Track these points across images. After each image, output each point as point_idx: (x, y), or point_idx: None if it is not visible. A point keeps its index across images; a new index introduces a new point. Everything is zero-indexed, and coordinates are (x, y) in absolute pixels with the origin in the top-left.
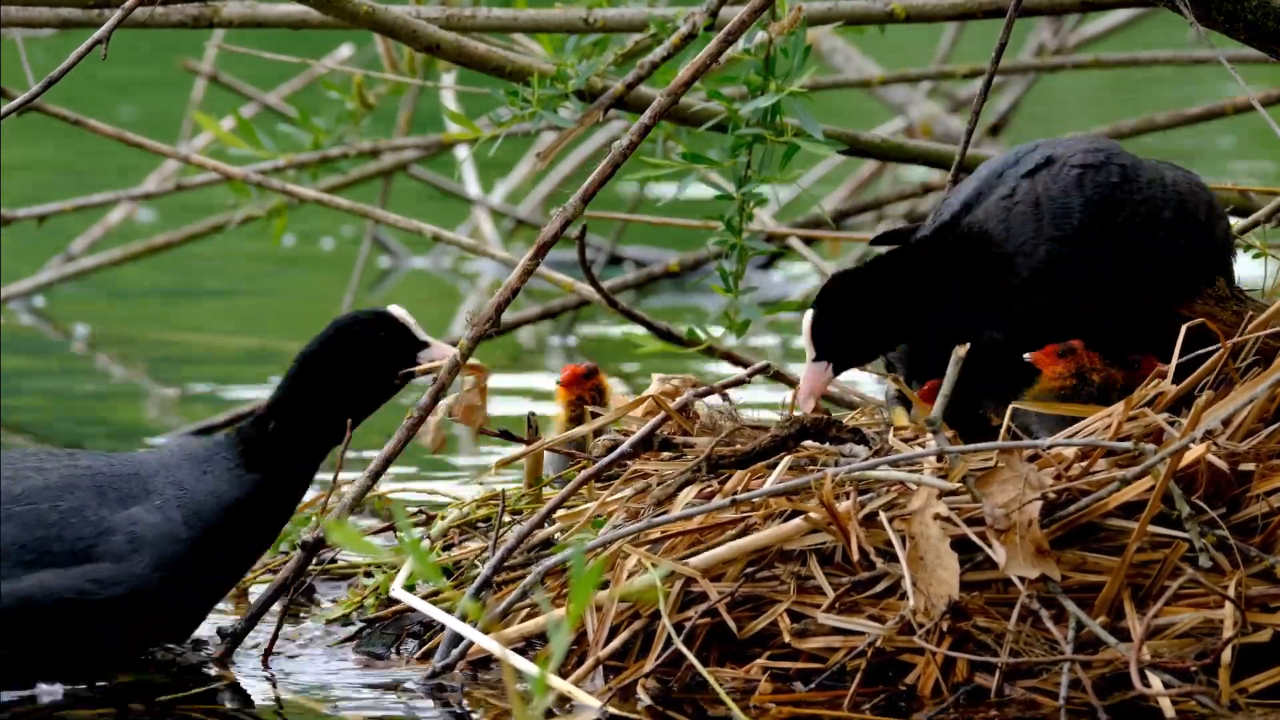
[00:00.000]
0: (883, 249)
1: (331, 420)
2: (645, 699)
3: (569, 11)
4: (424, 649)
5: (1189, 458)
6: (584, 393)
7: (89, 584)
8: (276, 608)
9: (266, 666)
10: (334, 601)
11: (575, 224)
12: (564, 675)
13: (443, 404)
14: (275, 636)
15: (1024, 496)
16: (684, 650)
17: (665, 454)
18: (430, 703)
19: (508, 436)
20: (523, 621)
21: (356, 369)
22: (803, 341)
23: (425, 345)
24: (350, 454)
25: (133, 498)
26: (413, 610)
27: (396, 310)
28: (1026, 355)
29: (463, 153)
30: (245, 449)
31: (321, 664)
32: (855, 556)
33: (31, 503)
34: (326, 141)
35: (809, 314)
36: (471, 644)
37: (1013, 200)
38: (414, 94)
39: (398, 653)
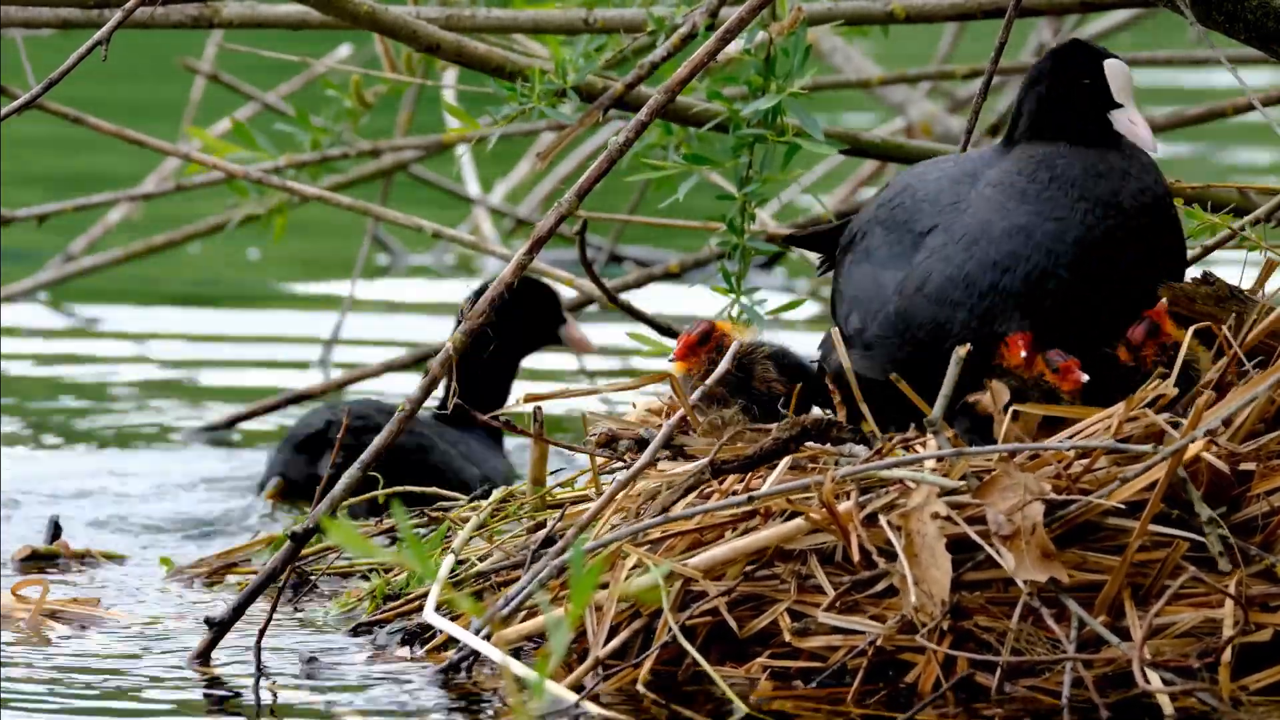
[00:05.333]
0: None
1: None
2: (646, 696)
3: (569, 12)
4: (429, 646)
5: (1189, 455)
6: (704, 358)
7: None
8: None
9: (259, 657)
10: (334, 593)
11: (573, 220)
12: (564, 675)
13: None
14: (265, 627)
15: (1025, 501)
16: (685, 645)
17: (666, 454)
18: (437, 693)
19: (510, 428)
20: (523, 619)
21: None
22: (1123, 89)
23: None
24: None
25: None
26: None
27: None
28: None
29: (462, 149)
30: None
31: (324, 656)
32: (856, 557)
33: None
34: (325, 141)
35: (1120, 64)
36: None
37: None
38: (414, 94)
39: (401, 644)
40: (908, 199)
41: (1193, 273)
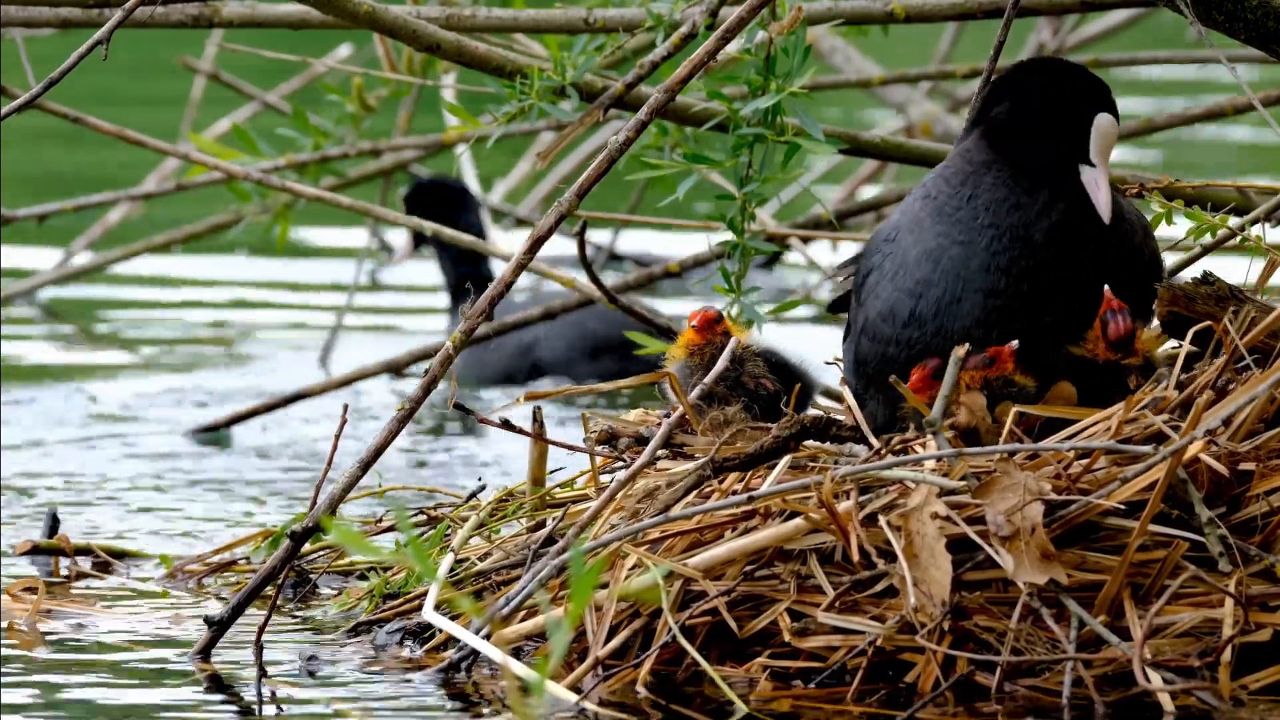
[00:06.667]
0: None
1: None
2: (644, 695)
3: (569, 11)
4: (429, 645)
5: (1188, 455)
6: (714, 339)
7: None
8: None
9: (258, 655)
10: (334, 592)
11: (573, 220)
12: (564, 675)
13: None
14: (265, 625)
15: (1024, 502)
16: (685, 645)
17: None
18: (437, 693)
19: (508, 427)
20: (523, 619)
21: None
22: (1102, 151)
23: None
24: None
25: None
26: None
27: None
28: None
29: (461, 149)
30: None
31: (323, 655)
32: (856, 557)
33: None
34: (326, 144)
35: (1108, 121)
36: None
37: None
38: (414, 94)
39: (400, 644)
40: (869, 249)
41: (1192, 272)
